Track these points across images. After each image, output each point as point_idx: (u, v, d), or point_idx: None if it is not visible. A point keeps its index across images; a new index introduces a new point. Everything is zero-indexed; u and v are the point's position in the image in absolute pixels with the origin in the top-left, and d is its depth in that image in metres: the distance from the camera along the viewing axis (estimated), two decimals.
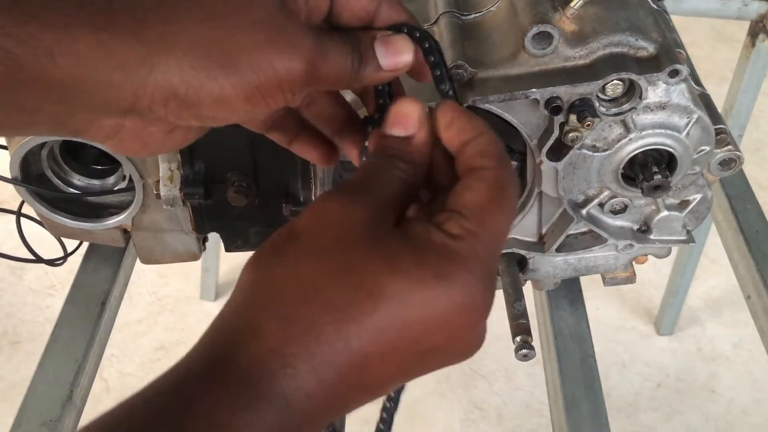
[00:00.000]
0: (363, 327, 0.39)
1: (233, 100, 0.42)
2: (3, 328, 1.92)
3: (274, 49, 0.42)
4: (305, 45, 0.43)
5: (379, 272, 0.40)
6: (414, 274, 0.40)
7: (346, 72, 0.46)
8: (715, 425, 1.78)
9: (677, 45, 0.72)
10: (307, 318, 0.39)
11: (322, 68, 0.44)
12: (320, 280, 0.40)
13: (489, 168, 0.44)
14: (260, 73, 0.42)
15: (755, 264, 0.93)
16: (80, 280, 0.89)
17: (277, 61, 0.42)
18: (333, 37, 0.45)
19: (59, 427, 0.76)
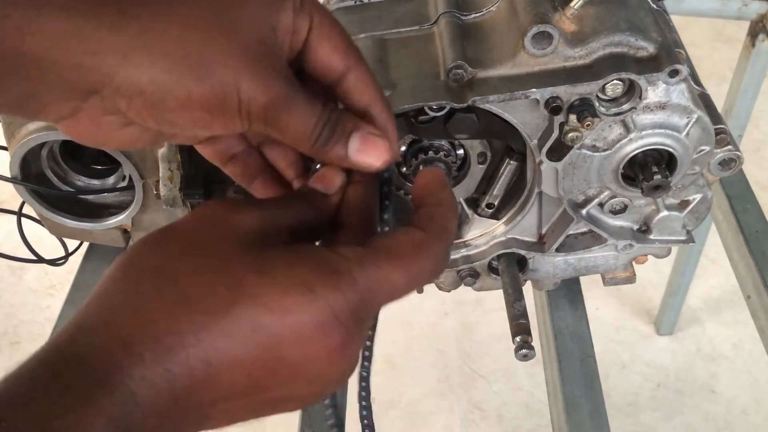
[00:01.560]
0: (216, 322, 0.37)
1: (195, 109, 0.42)
2: (3, 328, 1.92)
3: (246, 74, 0.42)
4: (275, 84, 0.43)
5: (246, 272, 0.39)
6: (281, 280, 0.39)
7: (305, 136, 0.45)
8: (715, 425, 1.78)
9: (677, 45, 0.72)
10: (160, 308, 0.38)
11: (282, 117, 0.44)
12: (182, 274, 0.39)
13: (424, 234, 0.44)
14: (227, 90, 0.42)
15: (755, 264, 0.93)
16: (80, 280, 0.89)
17: (243, 85, 0.42)
18: (309, 99, 0.45)
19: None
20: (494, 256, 0.79)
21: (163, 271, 0.39)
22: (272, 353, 0.39)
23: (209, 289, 0.38)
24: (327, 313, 0.39)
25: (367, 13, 0.75)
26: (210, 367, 0.37)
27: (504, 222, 0.77)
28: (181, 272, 0.39)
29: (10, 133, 0.76)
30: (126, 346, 0.36)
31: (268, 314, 0.38)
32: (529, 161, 0.72)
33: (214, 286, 0.38)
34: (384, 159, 0.47)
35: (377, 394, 0.54)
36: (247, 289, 0.38)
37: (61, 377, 0.35)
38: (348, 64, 0.47)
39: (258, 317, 0.38)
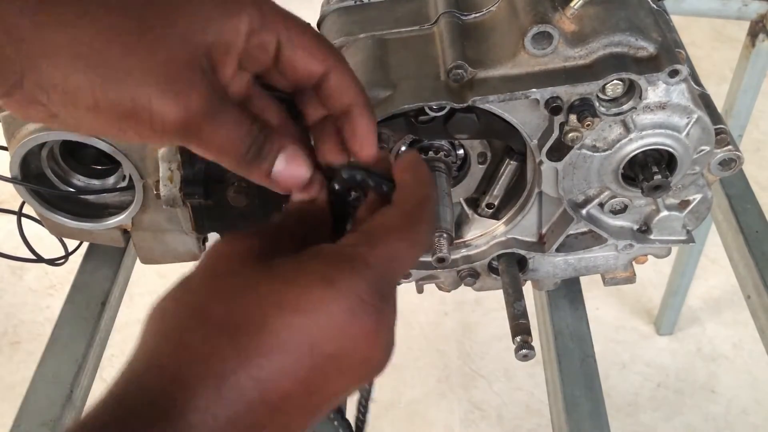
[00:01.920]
0: (254, 340, 0.39)
1: (105, 115, 0.43)
2: (3, 328, 1.92)
3: (159, 91, 0.43)
4: (194, 102, 0.43)
5: (266, 285, 0.41)
6: (300, 281, 0.40)
7: (230, 152, 0.46)
8: (715, 425, 1.78)
9: (677, 45, 0.72)
10: (201, 342, 0.40)
11: (204, 134, 0.44)
12: (210, 304, 0.41)
13: (410, 199, 0.46)
14: (137, 103, 0.42)
15: (755, 264, 0.93)
16: (80, 280, 0.89)
17: (155, 101, 0.43)
18: (237, 117, 0.46)
19: (59, 427, 0.76)
20: (494, 256, 0.79)
21: (193, 308, 0.41)
22: (313, 353, 0.40)
23: (238, 311, 0.40)
24: (352, 299, 0.40)
25: (367, 13, 0.75)
26: (260, 383, 0.39)
27: (504, 222, 0.77)
28: (209, 305, 0.41)
29: (10, 133, 0.76)
30: (178, 383, 0.39)
31: (299, 317, 0.39)
32: (529, 161, 0.72)
33: (242, 307, 0.40)
34: (302, 180, 0.49)
35: (377, 394, 0.54)
36: (272, 300, 0.40)
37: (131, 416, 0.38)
38: (326, 66, 0.48)
39: (290, 323, 0.39)
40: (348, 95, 0.49)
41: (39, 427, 0.76)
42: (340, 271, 0.41)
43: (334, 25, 0.75)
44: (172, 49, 0.43)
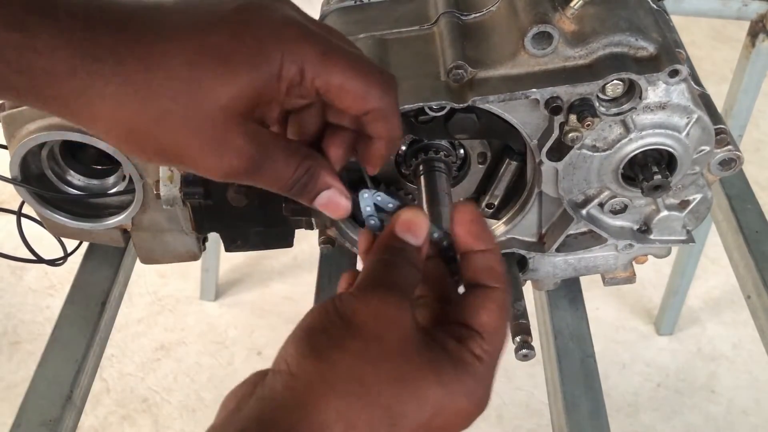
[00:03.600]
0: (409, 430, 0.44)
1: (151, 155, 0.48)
2: (3, 328, 1.92)
3: (203, 145, 0.46)
4: (236, 160, 0.47)
5: (430, 383, 0.45)
6: (452, 387, 0.45)
7: (279, 186, 0.50)
8: (715, 425, 1.78)
9: (677, 45, 0.72)
10: (369, 423, 0.43)
11: (250, 178, 0.49)
12: (382, 385, 0.44)
13: (500, 290, 0.50)
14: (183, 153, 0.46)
15: (755, 264, 0.93)
16: (80, 280, 0.89)
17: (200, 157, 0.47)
18: (285, 156, 0.49)
19: (59, 427, 0.76)
20: None
21: (364, 381, 0.44)
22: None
23: (406, 402, 0.44)
24: (477, 405, 0.47)
25: (367, 13, 0.75)
26: None
27: (504, 222, 0.77)
28: (381, 383, 0.44)
29: (10, 133, 0.76)
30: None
31: (443, 417, 0.45)
32: (529, 161, 0.72)
33: (409, 400, 0.44)
34: (343, 213, 0.53)
35: None
36: (429, 400, 0.45)
37: None
38: (366, 107, 0.50)
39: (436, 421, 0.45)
40: (379, 130, 0.51)
41: (39, 427, 0.76)
42: (478, 387, 0.47)
43: (334, 25, 0.75)
44: (218, 102, 0.45)
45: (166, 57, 0.44)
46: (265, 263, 2.05)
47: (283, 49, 0.46)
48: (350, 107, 0.49)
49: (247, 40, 0.46)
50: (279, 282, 2.02)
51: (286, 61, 0.46)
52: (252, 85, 0.46)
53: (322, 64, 0.47)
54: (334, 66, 0.47)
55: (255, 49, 0.46)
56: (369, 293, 0.46)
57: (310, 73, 0.47)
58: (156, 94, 0.44)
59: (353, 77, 0.48)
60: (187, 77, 0.44)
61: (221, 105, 0.45)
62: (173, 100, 0.44)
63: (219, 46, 0.45)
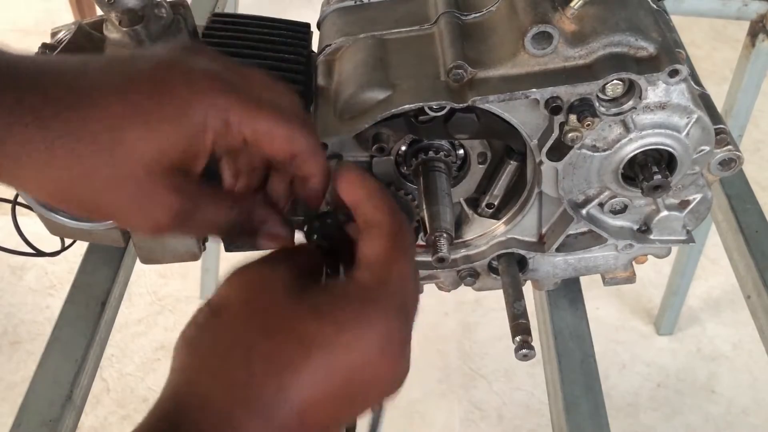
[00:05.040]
0: (299, 377, 0.43)
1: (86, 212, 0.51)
2: (3, 328, 1.92)
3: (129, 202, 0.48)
4: (162, 216, 0.48)
5: (307, 320, 0.44)
6: (338, 318, 0.44)
7: (214, 231, 0.52)
8: (715, 425, 1.78)
9: (677, 45, 0.72)
10: (250, 376, 0.43)
11: (183, 229, 0.50)
12: (255, 339, 0.44)
13: (383, 222, 0.50)
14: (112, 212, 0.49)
15: (755, 264, 0.93)
16: (80, 280, 0.89)
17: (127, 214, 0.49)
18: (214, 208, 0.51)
19: (59, 427, 0.76)
20: (494, 256, 0.79)
21: (235, 341, 0.44)
22: (349, 386, 0.44)
23: (285, 346, 0.43)
24: (382, 334, 0.45)
25: (367, 13, 0.75)
26: (302, 416, 0.43)
27: (504, 222, 0.77)
28: (254, 339, 0.44)
29: None
30: (226, 419, 0.42)
31: (338, 355, 0.44)
32: (529, 161, 0.72)
33: (288, 343, 0.44)
34: (284, 244, 0.54)
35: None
36: (314, 338, 0.44)
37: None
38: (293, 150, 0.51)
39: (331, 361, 0.44)
40: (309, 169, 0.53)
41: (39, 427, 0.76)
42: (372, 313, 0.45)
43: (334, 25, 0.75)
44: (141, 161, 0.47)
45: (87, 121, 0.46)
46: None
47: (206, 103, 0.48)
48: (278, 151, 0.51)
49: (167, 98, 0.47)
50: None
51: (210, 115, 0.48)
52: (174, 141, 0.47)
53: (246, 114, 0.49)
54: (258, 115, 0.49)
55: (175, 106, 0.47)
56: (231, 276, 0.47)
57: (236, 122, 0.48)
58: (80, 157, 0.46)
59: (278, 123, 0.50)
60: (108, 139, 0.46)
61: (144, 164, 0.47)
62: (97, 161, 0.46)
63: (139, 105, 0.47)
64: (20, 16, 2.82)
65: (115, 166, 0.46)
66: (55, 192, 0.47)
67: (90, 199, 0.48)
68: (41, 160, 0.45)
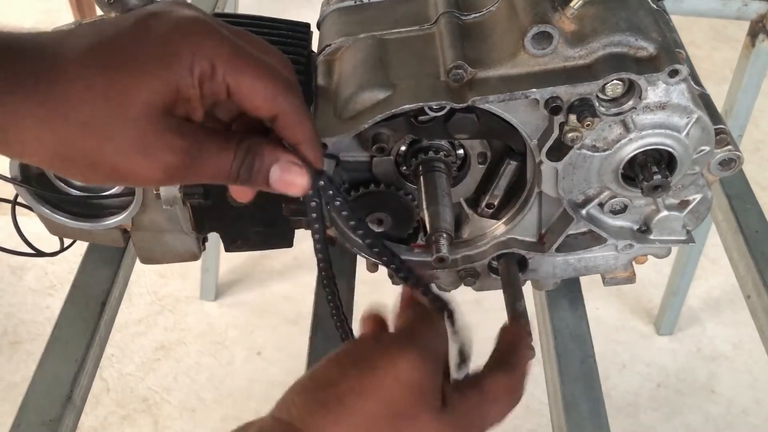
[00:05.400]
0: None
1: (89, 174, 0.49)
2: (3, 328, 1.92)
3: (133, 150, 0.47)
4: (168, 159, 0.47)
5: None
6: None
7: (223, 177, 0.50)
8: (715, 425, 1.78)
9: (677, 45, 0.72)
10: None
11: (190, 175, 0.49)
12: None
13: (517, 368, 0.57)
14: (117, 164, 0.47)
15: (755, 264, 0.93)
16: (80, 280, 0.89)
17: (132, 164, 0.47)
18: (220, 145, 0.49)
19: (59, 427, 0.76)
20: (494, 256, 0.79)
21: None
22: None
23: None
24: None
25: (367, 13, 0.75)
26: None
27: (504, 222, 0.77)
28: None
29: None
30: None
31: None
32: (529, 161, 0.72)
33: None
34: (302, 186, 0.52)
35: None
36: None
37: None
38: (275, 110, 0.50)
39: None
40: (295, 135, 0.52)
41: (39, 427, 0.76)
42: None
43: (334, 25, 0.75)
44: (136, 102, 0.46)
45: (79, 69, 0.46)
46: (265, 263, 2.06)
47: (192, 44, 0.47)
48: (260, 108, 0.50)
49: (153, 40, 0.47)
50: (279, 282, 2.02)
51: (197, 56, 0.47)
52: (165, 80, 0.47)
53: (232, 62, 0.48)
54: (244, 65, 0.49)
55: (162, 46, 0.47)
56: (391, 344, 0.46)
57: (221, 69, 0.48)
58: (76, 108, 0.45)
59: (263, 78, 0.49)
60: (101, 83, 0.46)
61: (140, 105, 0.46)
62: (93, 109, 0.45)
63: (126, 50, 0.47)
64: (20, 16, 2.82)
65: (111, 111, 0.46)
66: (58, 149, 0.46)
67: (93, 152, 0.46)
68: (37, 119, 0.45)
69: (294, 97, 0.51)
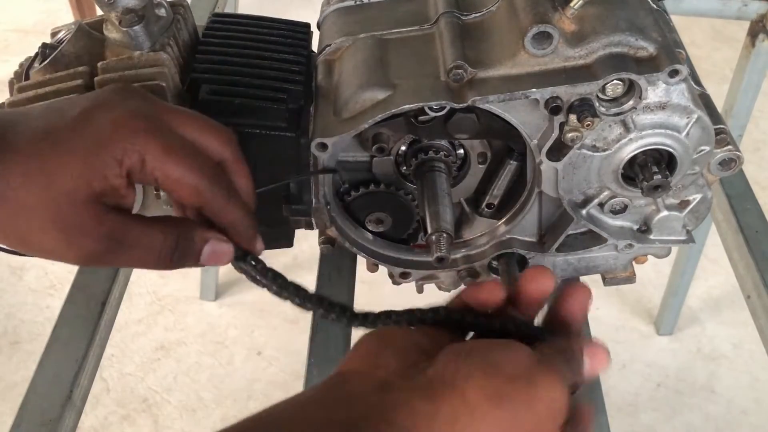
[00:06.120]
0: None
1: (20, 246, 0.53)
2: (3, 328, 1.92)
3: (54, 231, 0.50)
4: (88, 244, 0.51)
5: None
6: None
7: (152, 261, 0.53)
8: (715, 425, 1.78)
9: (677, 45, 0.72)
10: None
11: (116, 260, 0.53)
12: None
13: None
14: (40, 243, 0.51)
15: (755, 264, 0.93)
16: (80, 280, 0.89)
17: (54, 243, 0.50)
18: (149, 233, 0.53)
19: (59, 427, 0.76)
20: (494, 256, 0.79)
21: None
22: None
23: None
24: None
25: (367, 13, 0.75)
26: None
27: (504, 222, 0.77)
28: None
29: None
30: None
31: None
32: (529, 161, 0.72)
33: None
34: (230, 257, 0.57)
35: None
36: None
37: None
38: (200, 201, 0.54)
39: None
40: (221, 221, 0.55)
41: (39, 427, 0.76)
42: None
43: (334, 25, 0.75)
44: (63, 188, 0.50)
45: (20, 156, 0.49)
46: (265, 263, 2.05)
47: (125, 137, 0.51)
48: (185, 198, 0.53)
49: (90, 131, 0.51)
50: None
51: (128, 149, 0.51)
52: (92, 171, 0.50)
53: (161, 157, 0.51)
54: (171, 161, 0.52)
55: (96, 140, 0.50)
56: (556, 376, 0.48)
57: (150, 163, 0.51)
58: (13, 190, 0.49)
59: (189, 172, 0.52)
60: (36, 170, 0.49)
61: (66, 191, 0.49)
62: (27, 193, 0.49)
63: (65, 140, 0.50)
64: (20, 16, 2.82)
65: (40, 194, 0.49)
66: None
67: (22, 231, 0.50)
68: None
69: (217, 188, 0.54)
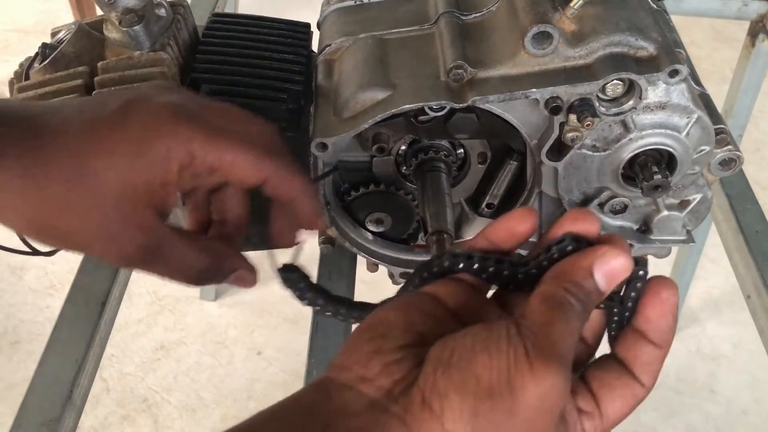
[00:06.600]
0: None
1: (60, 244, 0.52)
2: (3, 328, 1.92)
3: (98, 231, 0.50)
4: (130, 248, 0.50)
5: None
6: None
7: (184, 275, 0.54)
8: (715, 425, 1.78)
9: (677, 45, 0.72)
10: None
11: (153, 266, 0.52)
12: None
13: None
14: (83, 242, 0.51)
15: (755, 264, 0.93)
16: (80, 280, 0.89)
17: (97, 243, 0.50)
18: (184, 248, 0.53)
19: (59, 427, 0.76)
20: None
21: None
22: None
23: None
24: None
25: (367, 13, 0.75)
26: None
27: None
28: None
29: None
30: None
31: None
32: (529, 161, 0.72)
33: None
34: (251, 286, 0.58)
35: None
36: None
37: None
38: (261, 175, 0.52)
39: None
40: (287, 192, 0.54)
41: (39, 427, 0.76)
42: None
43: (334, 25, 0.75)
44: (108, 190, 0.49)
45: (60, 151, 0.48)
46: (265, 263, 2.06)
47: (168, 133, 0.49)
48: (246, 177, 0.52)
49: (131, 131, 0.49)
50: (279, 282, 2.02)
51: (173, 145, 0.49)
52: (139, 171, 0.49)
53: (209, 144, 0.50)
54: (221, 143, 0.51)
55: (139, 137, 0.49)
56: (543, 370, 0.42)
57: (200, 152, 0.50)
58: (52, 186, 0.48)
59: (242, 150, 0.51)
60: (77, 172, 0.48)
61: (111, 194, 0.49)
62: (68, 190, 0.48)
63: (105, 139, 0.49)
64: (20, 16, 2.82)
65: (83, 194, 0.48)
66: (32, 221, 0.49)
67: (64, 228, 0.49)
68: (16, 189, 0.48)
69: (278, 159, 0.53)
